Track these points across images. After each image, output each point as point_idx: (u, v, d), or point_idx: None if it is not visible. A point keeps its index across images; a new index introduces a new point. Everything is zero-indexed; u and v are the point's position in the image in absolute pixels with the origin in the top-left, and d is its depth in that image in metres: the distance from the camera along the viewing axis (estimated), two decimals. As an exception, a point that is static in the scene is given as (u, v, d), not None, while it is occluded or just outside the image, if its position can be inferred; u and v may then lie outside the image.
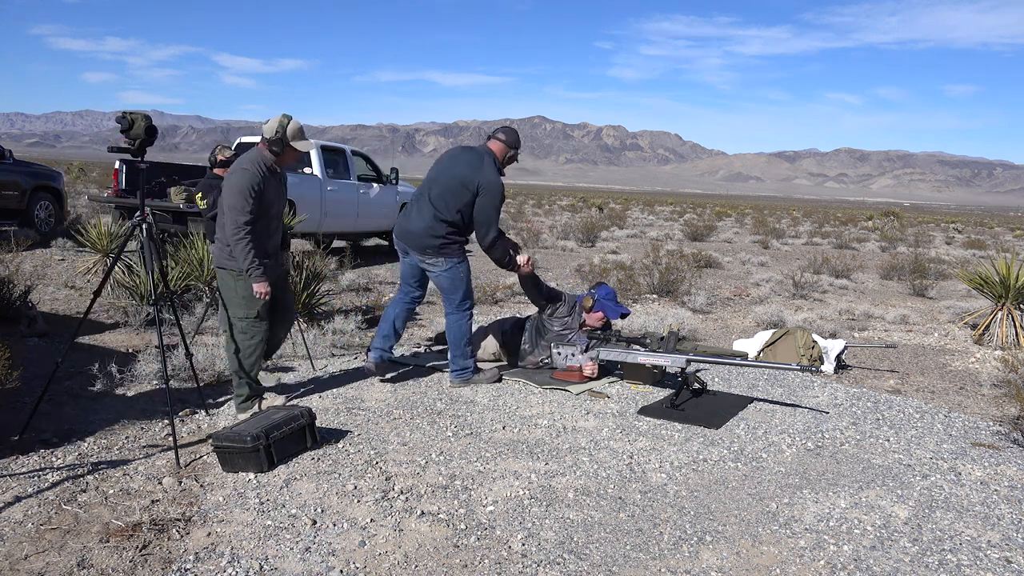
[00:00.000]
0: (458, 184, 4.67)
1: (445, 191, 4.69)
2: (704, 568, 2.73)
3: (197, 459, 3.63)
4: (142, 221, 3.92)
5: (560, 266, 12.89)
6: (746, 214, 43.68)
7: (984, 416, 4.95)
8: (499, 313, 7.99)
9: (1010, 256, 7.97)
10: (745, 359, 5.83)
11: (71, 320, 6.40)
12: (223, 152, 5.97)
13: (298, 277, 6.66)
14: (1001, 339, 7.45)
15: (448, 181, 4.72)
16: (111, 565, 2.62)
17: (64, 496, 3.13)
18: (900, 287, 12.65)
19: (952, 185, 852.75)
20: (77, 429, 3.92)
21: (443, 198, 4.68)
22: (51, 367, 3.89)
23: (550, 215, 30.44)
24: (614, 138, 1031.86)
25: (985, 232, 38.20)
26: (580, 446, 3.90)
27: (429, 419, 4.23)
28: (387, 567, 2.66)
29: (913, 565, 2.80)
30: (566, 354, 5.21)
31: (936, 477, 3.70)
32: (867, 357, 6.81)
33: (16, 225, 10.60)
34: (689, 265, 11.30)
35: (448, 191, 4.68)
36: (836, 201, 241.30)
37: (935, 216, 72.02)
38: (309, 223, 9.98)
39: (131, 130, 3.89)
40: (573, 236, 17.76)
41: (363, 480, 3.36)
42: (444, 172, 4.80)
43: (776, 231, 25.62)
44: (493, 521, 3.03)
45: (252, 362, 4.19)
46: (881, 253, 20.11)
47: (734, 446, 4.00)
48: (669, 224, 29.18)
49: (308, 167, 10.71)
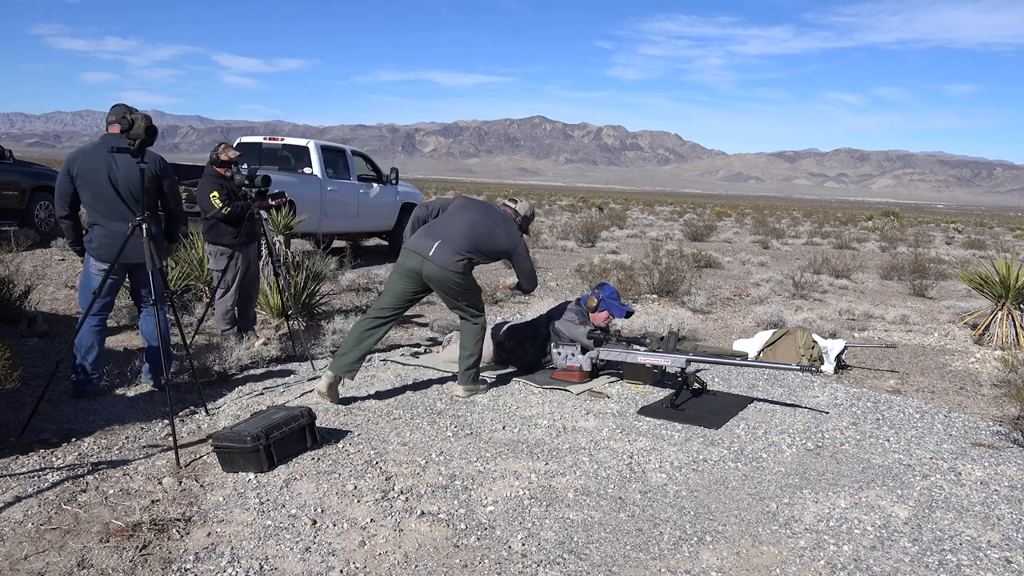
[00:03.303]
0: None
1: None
2: (704, 568, 2.73)
3: (197, 459, 3.64)
4: (142, 221, 3.92)
5: (560, 266, 12.89)
6: (746, 214, 43.68)
7: (984, 416, 4.95)
8: (499, 313, 7.99)
9: (1010, 256, 7.97)
10: (745, 359, 5.83)
11: (71, 320, 6.40)
12: (227, 152, 5.95)
13: (298, 277, 6.66)
14: (1001, 339, 7.45)
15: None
16: (111, 565, 2.62)
17: (64, 496, 3.13)
18: (900, 287, 12.65)
19: (952, 185, 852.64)
20: (77, 429, 3.92)
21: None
22: (51, 367, 3.88)
23: (550, 215, 30.44)
24: (614, 138, 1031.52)
25: (985, 232, 38.19)
26: (580, 446, 3.90)
27: (429, 419, 4.23)
28: (387, 567, 2.66)
29: (913, 565, 2.80)
30: (566, 354, 5.21)
31: (936, 477, 3.70)
32: (867, 357, 6.81)
33: (16, 225, 10.60)
34: (689, 265, 11.30)
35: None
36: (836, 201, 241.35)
37: (935, 216, 72.01)
38: (309, 223, 9.98)
39: (131, 130, 3.89)
40: (573, 236, 17.76)
41: (363, 480, 3.36)
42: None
43: (776, 231, 25.62)
44: (493, 521, 3.03)
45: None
46: (881, 253, 20.11)
47: (734, 446, 4.00)
48: (669, 224, 29.19)
49: (308, 167, 10.72)
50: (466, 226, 4.58)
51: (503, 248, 4.70)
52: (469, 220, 4.62)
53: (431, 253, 4.45)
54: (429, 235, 4.57)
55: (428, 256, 4.45)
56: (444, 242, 4.48)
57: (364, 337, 4.46)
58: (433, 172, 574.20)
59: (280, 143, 11.22)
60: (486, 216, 4.70)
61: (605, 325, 5.42)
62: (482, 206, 4.81)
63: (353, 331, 4.53)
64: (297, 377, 5.10)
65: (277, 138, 11.30)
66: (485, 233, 4.61)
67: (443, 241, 4.49)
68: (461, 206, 4.77)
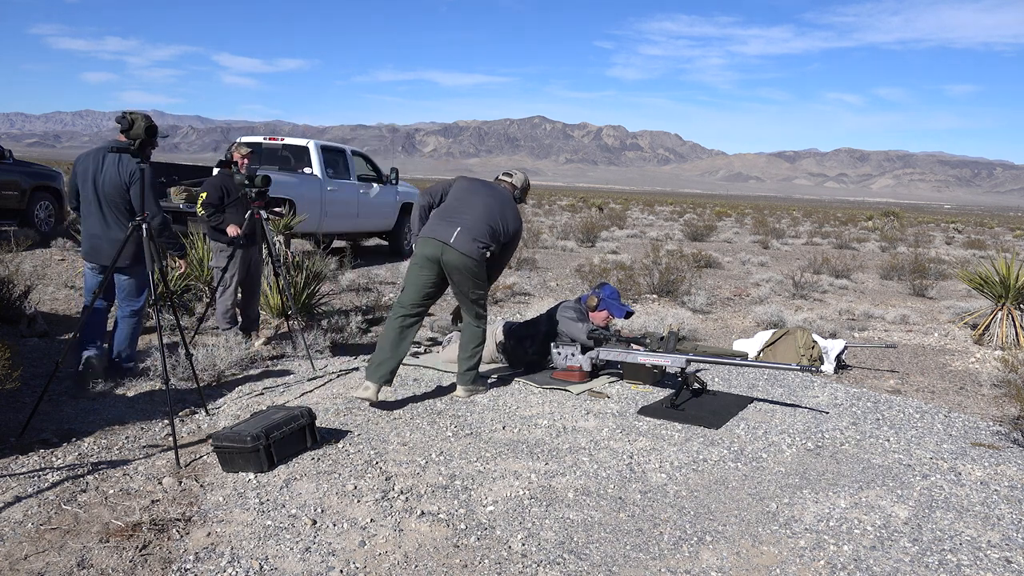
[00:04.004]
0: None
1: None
2: (704, 568, 2.73)
3: (197, 459, 3.64)
4: (142, 221, 3.93)
5: (560, 266, 12.89)
6: (746, 214, 43.68)
7: (984, 416, 4.95)
8: (499, 313, 7.99)
9: (1010, 256, 7.97)
10: (745, 359, 5.83)
11: (71, 320, 6.40)
12: (238, 150, 6.06)
13: (298, 277, 6.67)
14: (1001, 339, 7.45)
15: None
16: (111, 565, 2.62)
17: (64, 496, 3.13)
18: (900, 287, 12.65)
19: (952, 185, 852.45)
20: (77, 429, 3.92)
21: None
22: (51, 367, 3.89)
23: (550, 215, 30.44)
24: (614, 138, 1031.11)
25: (985, 232, 38.20)
26: (580, 446, 3.89)
27: (429, 419, 4.23)
28: (387, 567, 2.66)
29: (913, 565, 2.79)
30: (566, 354, 5.21)
31: (936, 477, 3.70)
32: (867, 357, 6.81)
33: (16, 225, 10.60)
34: (689, 265, 11.30)
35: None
36: (836, 201, 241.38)
37: (935, 216, 72.02)
38: (309, 223, 9.98)
39: (131, 130, 3.90)
40: (573, 236, 17.76)
41: (363, 480, 3.35)
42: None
43: (776, 231, 25.62)
44: (493, 521, 3.03)
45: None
46: (881, 253, 20.11)
47: (734, 446, 3.99)
48: (669, 224, 29.19)
49: (308, 167, 10.72)
50: (482, 210, 4.52)
51: (514, 229, 4.66)
52: (483, 204, 4.56)
53: (452, 240, 4.37)
54: (447, 221, 4.47)
55: (449, 243, 4.37)
56: (464, 229, 4.41)
57: (400, 340, 4.38)
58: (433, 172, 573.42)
59: (280, 143, 11.22)
60: (495, 198, 4.65)
61: (605, 325, 5.42)
62: (488, 187, 4.74)
63: (386, 335, 4.41)
64: (297, 377, 5.10)
65: (277, 138, 11.30)
66: (499, 216, 4.57)
67: (463, 228, 4.42)
68: (469, 189, 4.67)
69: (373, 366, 4.34)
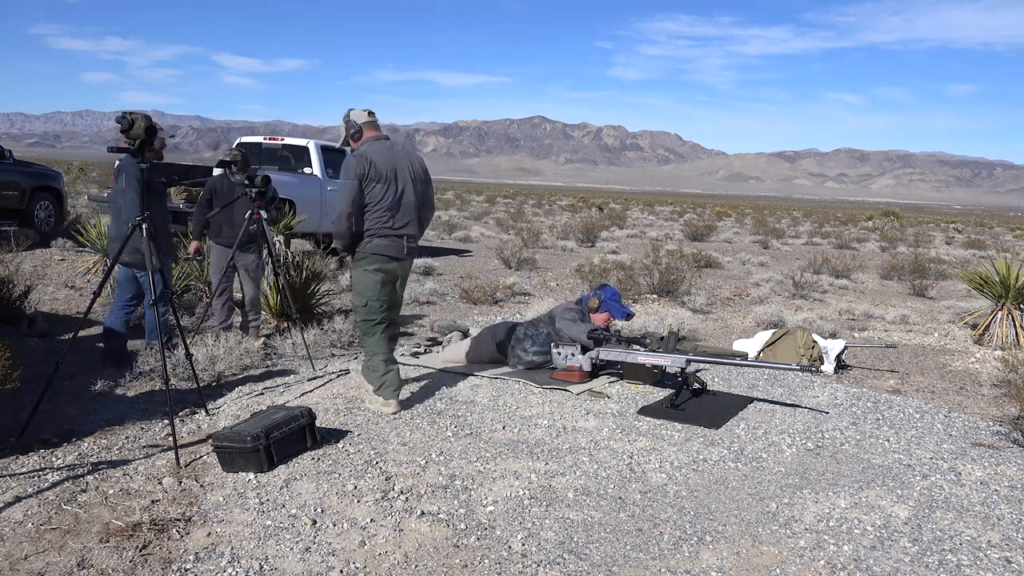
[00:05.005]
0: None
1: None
2: (704, 568, 2.73)
3: (197, 459, 3.64)
4: (142, 221, 3.92)
5: (560, 266, 12.89)
6: (746, 214, 43.67)
7: (984, 416, 4.95)
8: (499, 313, 7.99)
9: (1010, 256, 7.97)
10: (745, 359, 5.83)
11: (71, 320, 6.40)
12: (229, 154, 6.14)
13: (298, 277, 6.66)
14: (1001, 339, 7.45)
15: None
16: (111, 565, 2.62)
17: (64, 496, 3.13)
18: (900, 287, 12.65)
19: (952, 185, 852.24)
20: (77, 429, 3.92)
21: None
22: (51, 367, 3.89)
23: (550, 215, 30.44)
24: (614, 138, 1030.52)
25: (985, 232, 38.20)
26: (580, 446, 3.89)
27: (429, 419, 4.23)
28: (387, 567, 2.66)
29: (913, 565, 2.79)
30: (566, 354, 5.21)
31: (936, 477, 3.70)
32: (867, 357, 6.81)
33: (16, 225, 10.60)
34: (689, 265, 11.30)
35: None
36: (836, 201, 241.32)
37: (935, 216, 72.02)
38: (309, 223, 9.98)
39: (131, 130, 3.90)
40: (573, 236, 17.77)
41: (363, 480, 3.35)
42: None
43: (776, 231, 25.62)
44: (493, 521, 3.03)
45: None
46: (881, 253, 20.11)
47: (734, 446, 3.99)
48: (669, 224, 29.19)
49: (308, 167, 10.72)
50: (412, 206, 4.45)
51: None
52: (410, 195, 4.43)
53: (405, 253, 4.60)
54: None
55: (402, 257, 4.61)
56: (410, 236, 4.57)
57: (391, 348, 4.53)
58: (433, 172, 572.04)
59: (280, 143, 11.23)
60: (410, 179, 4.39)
61: (606, 326, 5.42)
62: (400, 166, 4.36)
63: (376, 348, 4.39)
64: (297, 377, 5.10)
65: (277, 138, 11.31)
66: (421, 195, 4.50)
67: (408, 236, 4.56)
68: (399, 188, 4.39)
69: (385, 386, 4.28)
